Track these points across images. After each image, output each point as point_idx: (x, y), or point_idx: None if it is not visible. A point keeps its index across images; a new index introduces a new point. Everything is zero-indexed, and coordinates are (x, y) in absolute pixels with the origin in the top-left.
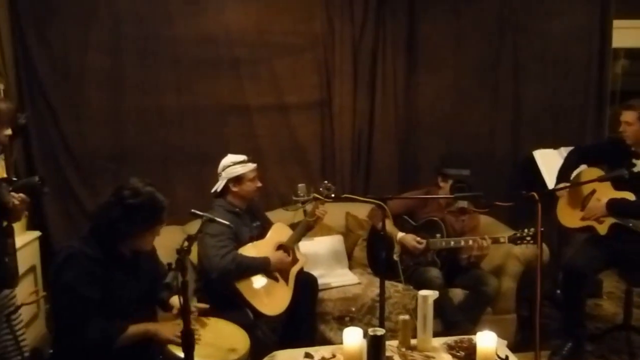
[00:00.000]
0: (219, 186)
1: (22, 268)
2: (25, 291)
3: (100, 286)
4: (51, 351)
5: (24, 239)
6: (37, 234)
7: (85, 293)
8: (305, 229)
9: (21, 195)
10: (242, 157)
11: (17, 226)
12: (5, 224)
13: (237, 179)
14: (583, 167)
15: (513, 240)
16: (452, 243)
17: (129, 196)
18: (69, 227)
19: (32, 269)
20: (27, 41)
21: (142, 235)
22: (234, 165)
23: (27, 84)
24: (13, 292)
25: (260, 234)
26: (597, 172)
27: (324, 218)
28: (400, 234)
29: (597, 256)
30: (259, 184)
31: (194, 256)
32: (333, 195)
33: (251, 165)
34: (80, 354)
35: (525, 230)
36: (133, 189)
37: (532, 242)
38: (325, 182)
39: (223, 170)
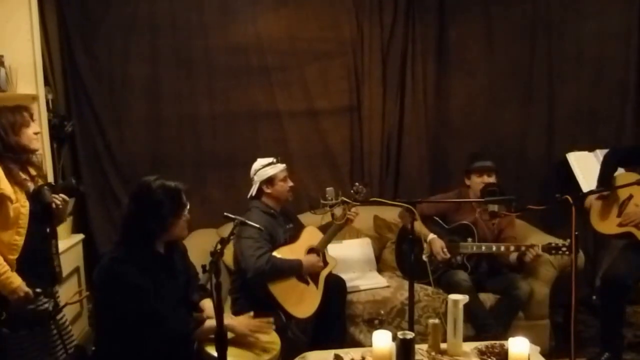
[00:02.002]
0: (253, 190)
1: (67, 269)
2: (70, 291)
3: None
4: (93, 348)
5: (69, 241)
6: (81, 236)
7: (148, 286)
8: (335, 232)
9: (62, 195)
10: (271, 159)
11: (62, 229)
12: (48, 229)
13: (269, 181)
14: (619, 170)
15: (547, 250)
16: (483, 248)
17: (145, 196)
18: (111, 230)
19: (76, 270)
20: (75, 53)
21: (174, 224)
22: (263, 168)
23: (74, 94)
24: (57, 291)
25: (293, 237)
26: (634, 176)
27: (354, 220)
28: (431, 236)
29: (638, 264)
30: (291, 184)
31: (227, 259)
32: (361, 199)
33: (280, 166)
34: (124, 352)
35: (561, 241)
36: (145, 189)
37: (567, 253)
38: (357, 184)
39: (255, 174)
